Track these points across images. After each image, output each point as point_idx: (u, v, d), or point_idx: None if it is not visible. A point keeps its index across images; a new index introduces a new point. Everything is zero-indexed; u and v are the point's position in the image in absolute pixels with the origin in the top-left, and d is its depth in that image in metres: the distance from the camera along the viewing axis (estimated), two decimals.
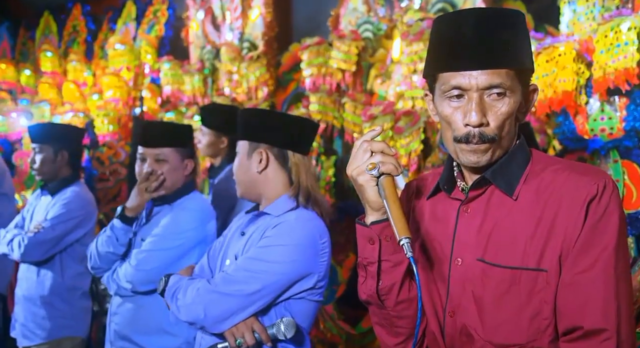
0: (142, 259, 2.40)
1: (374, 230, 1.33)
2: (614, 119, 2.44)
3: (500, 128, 1.26)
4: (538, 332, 1.25)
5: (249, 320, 1.87)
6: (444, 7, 3.49)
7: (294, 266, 1.90)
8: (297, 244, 1.91)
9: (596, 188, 1.22)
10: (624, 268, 1.23)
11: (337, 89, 3.93)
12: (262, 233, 1.95)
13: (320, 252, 1.95)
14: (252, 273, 1.88)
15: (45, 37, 6.92)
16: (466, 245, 1.33)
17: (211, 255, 2.15)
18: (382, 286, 1.36)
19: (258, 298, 1.88)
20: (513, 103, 1.26)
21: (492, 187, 1.32)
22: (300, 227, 1.94)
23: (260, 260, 1.89)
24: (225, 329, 1.87)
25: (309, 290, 1.94)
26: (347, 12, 4.15)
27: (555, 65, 2.45)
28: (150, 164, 2.52)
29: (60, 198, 3.18)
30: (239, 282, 1.88)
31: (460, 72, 1.24)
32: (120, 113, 5.36)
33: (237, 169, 2.06)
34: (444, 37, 1.28)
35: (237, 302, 1.87)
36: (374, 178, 1.28)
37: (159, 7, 5.87)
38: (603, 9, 2.54)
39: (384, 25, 3.85)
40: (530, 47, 1.31)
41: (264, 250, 1.90)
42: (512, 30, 1.25)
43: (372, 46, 3.89)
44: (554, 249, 1.23)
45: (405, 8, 3.65)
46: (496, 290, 1.28)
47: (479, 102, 1.24)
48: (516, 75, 1.25)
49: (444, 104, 1.29)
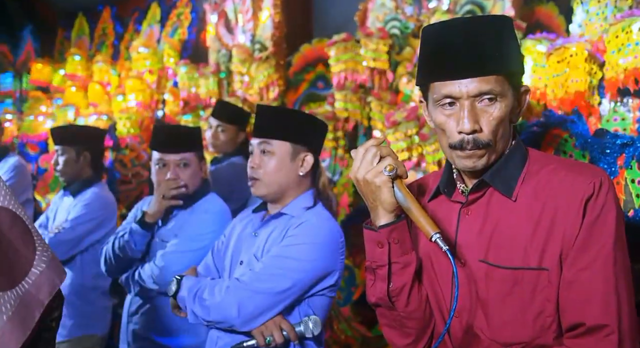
0: (169, 261, 2.44)
1: (383, 234, 1.35)
2: (627, 120, 2.42)
3: (494, 133, 1.29)
4: (543, 329, 1.27)
5: (277, 318, 1.89)
6: (472, 9, 3.48)
7: (320, 263, 1.93)
8: (321, 243, 1.94)
9: (592, 187, 1.25)
10: (623, 264, 1.25)
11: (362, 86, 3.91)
12: (284, 233, 1.97)
13: (340, 250, 1.99)
14: (282, 270, 1.89)
15: (79, 38, 7.06)
16: (468, 247, 1.35)
17: (216, 255, 2.17)
18: (393, 288, 1.39)
19: (288, 295, 1.90)
20: (505, 107, 1.28)
21: (491, 189, 1.34)
22: (322, 226, 1.97)
23: (289, 258, 1.90)
24: (254, 327, 1.88)
25: (330, 287, 1.98)
26: (375, 7, 4.13)
27: (567, 66, 2.43)
28: (173, 170, 2.53)
29: (81, 199, 3.23)
30: (270, 280, 1.89)
31: (451, 81, 1.26)
32: (143, 116, 5.44)
33: (275, 170, 2.01)
34: (433, 47, 1.31)
35: (268, 300, 1.88)
36: (390, 179, 1.31)
37: (183, 10, 5.96)
38: (615, 9, 2.52)
39: (412, 24, 3.84)
40: (518, 50, 1.34)
41: (291, 248, 1.92)
42: (498, 36, 1.27)
43: (400, 44, 3.87)
44: (554, 248, 1.25)
45: (433, 9, 3.65)
46: (500, 291, 1.30)
47: (470, 109, 1.27)
48: (506, 80, 1.27)
49: (437, 112, 1.32)
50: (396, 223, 1.34)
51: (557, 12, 3.23)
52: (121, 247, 2.53)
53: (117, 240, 2.56)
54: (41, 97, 6.69)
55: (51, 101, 6.54)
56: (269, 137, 2.02)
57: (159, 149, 2.57)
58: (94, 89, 6.06)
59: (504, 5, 3.27)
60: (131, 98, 5.48)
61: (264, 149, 2.02)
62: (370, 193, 1.33)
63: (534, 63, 2.66)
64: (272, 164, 2.01)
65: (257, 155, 2.04)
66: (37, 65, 6.86)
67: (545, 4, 3.35)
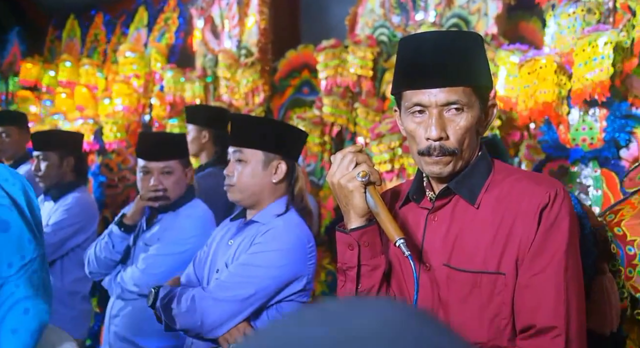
0: (150, 264, 2.47)
1: (354, 236, 1.41)
2: (594, 129, 2.50)
3: (460, 141, 1.35)
4: (498, 331, 1.34)
5: (241, 325, 1.93)
6: (458, 22, 3.55)
7: (285, 270, 1.97)
8: (287, 249, 1.98)
9: (548, 197, 1.32)
10: (574, 269, 1.32)
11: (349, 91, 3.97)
12: (252, 240, 2.01)
13: (308, 255, 2.03)
14: (245, 278, 1.94)
15: (70, 40, 7.06)
16: (433, 251, 1.41)
17: (197, 265, 2.21)
18: (361, 289, 1.44)
19: (252, 302, 1.94)
20: (471, 118, 1.35)
21: (456, 197, 1.41)
22: (288, 232, 2.01)
23: (253, 266, 1.95)
24: (220, 334, 1.93)
25: (299, 292, 2.02)
26: (364, 13, 4.19)
27: (536, 77, 2.51)
28: (156, 177, 2.58)
29: (62, 203, 3.23)
30: (233, 288, 1.94)
31: (421, 90, 1.34)
32: (129, 120, 5.46)
33: (248, 178, 2.07)
34: (407, 58, 1.38)
35: (232, 307, 1.93)
36: (363, 185, 1.37)
37: (170, 14, 5.98)
38: (584, 23, 2.60)
39: (399, 33, 3.91)
40: (487, 66, 1.41)
41: (256, 256, 1.97)
42: (467, 51, 1.35)
43: (387, 51, 3.94)
44: (511, 254, 1.32)
45: (419, 22, 3.71)
46: (460, 293, 1.36)
47: (438, 117, 1.33)
48: (473, 92, 1.34)
49: (408, 119, 1.39)
50: (367, 227, 1.40)
51: (540, 27, 3.32)
52: (101, 248, 2.58)
53: (99, 243, 2.62)
54: (30, 97, 6.68)
55: (40, 101, 6.54)
56: (242, 145, 2.08)
57: (143, 156, 2.62)
58: (80, 92, 6.06)
59: (488, 21, 3.35)
60: (118, 102, 5.49)
61: (238, 158, 2.09)
62: (343, 197, 1.39)
63: (507, 73, 2.73)
64: (245, 172, 2.07)
65: (232, 163, 2.10)
66: (27, 65, 6.84)
67: (528, 19, 3.43)
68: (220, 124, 3.50)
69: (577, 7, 2.58)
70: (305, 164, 4.23)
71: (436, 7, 3.67)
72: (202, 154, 3.51)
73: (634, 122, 2.58)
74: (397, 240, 1.32)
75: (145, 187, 2.59)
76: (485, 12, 3.38)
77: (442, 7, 3.64)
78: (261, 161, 2.08)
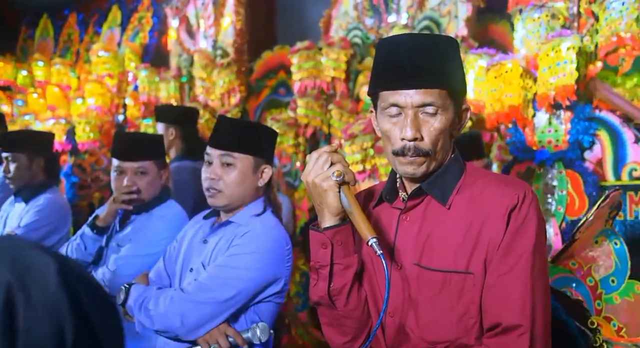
0: (121, 265, 2.45)
1: (327, 235, 1.43)
2: (559, 131, 2.56)
3: (434, 143, 1.39)
4: (466, 329, 1.37)
5: (222, 326, 1.94)
6: (429, 25, 3.60)
7: (265, 272, 1.98)
8: (266, 251, 1.99)
9: (517, 199, 1.36)
10: (540, 270, 1.36)
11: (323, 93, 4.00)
12: (230, 242, 2.00)
13: (286, 257, 2.04)
14: (225, 280, 1.94)
15: (43, 39, 6.97)
16: (405, 250, 1.44)
17: (167, 260, 2.20)
18: (334, 287, 1.46)
19: (232, 304, 1.94)
20: (445, 120, 1.38)
21: (428, 197, 1.44)
22: (267, 235, 2.02)
23: (232, 268, 1.95)
24: (199, 336, 1.92)
25: (276, 293, 2.03)
26: (338, 15, 4.23)
27: (502, 81, 2.57)
28: (130, 178, 2.55)
29: (33, 205, 3.18)
30: (213, 290, 1.93)
31: (398, 91, 1.37)
32: (103, 120, 5.42)
33: (237, 183, 2.04)
34: (384, 59, 1.41)
35: (211, 309, 1.92)
36: (337, 184, 1.39)
37: (144, 14, 5.95)
38: (549, 28, 2.66)
39: (372, 35, 3.94)
40: (462, 71, 1.45)
41: (235, 258, 1.96)
42: (444, 55, 1.39)
43: (361, 53, 3.97)
44: (480, 254, 1.36)
45: (392, 24, 3.75)
46: (430, 292, 1.40)
47: (413, 118, 1.37)
48: (448, 95, 1.38)
49: (384, 120, 1.42)
50: (340, 226, 1.42)
51: (510, 30, 3.37)
52: (73, 250, 2.55)
53: (70, 244, 2.59)
54: (1, 96, 6.59)
55: (12, 101, 6.46)
56: (231, 149, 2.04)
57: (118, 156, 2.60)
58: (52, 91, 5.99)
59: (458, 23, 3.40)
60: (91, 102, 5.45)
61: (226, 162, 2.05)
62: (317, 196, 1.41)
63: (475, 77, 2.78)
64: (233, 177, 2.04)
65: (217, 166, 2.06)
66: None
67: (497, 22, 3.49)
68: (187, 122, 3.59)
69: (542, 13, 2.64)
70: (281, 164, 4.25)
71: (408, 10, 3.72)
72: (171, 150, 3.60)
73: (598, 124, 2.66)
74: (370, 239, 1.34)
75: (119, 188, 2.57)
76: (456, 14, 3.45)
77: (414, 10, 3.69)
78: (251, 166, 2.07)
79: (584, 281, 2.00)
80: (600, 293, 1.98)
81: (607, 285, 1.99)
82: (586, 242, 2.01)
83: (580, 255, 2.01)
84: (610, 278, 1.99)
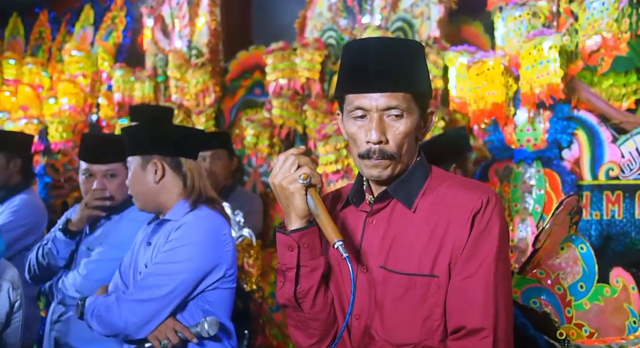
0: (92, 269, 2.42)
1: (294, 238, 1.42)
2: (538, 130, 2.58)
3: (399, 146, 1.38)
4: (430, 332, 1.37)
5: (168, 321, 1.97)
6: (402, 26, 3.62)
7: (200, 261, 2.01)
8: (198, 241, 2.02)
9: (480, 203, 1.36)
10: (503, 273, 1.37)
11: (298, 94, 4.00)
12: (167, 238, 2.04)
13: (223, 244, 2.07)
14: (161, 276, 1.98)
15: (13, 38, 6.86)
16: (371, 253, 1.44)
17: (123, 270, 2.20)
18: (300, 290, 1.45)
19: (173, 298, 1.98)
20: (410, 123, 1.38)
21: (394, 201, 1.44)
22: (199, 225, 2.05)
23: (169, 263, 1.99)
24: (148, 332, 1.96)
25: (220, 279, 2.05)
26: (313, 16, 4.24)
27: (485, 79, 2.57)
28: (99, 180, 2.52)
29: (8, 206, 3.16)
30: (151, 287, 1.97)
31: (363, 94, 1.36)
32: (76, 120, 5.35)
33: (132, 183, 2.12)
34: (350, 62, 1.41)
35: (152, 306, 1.96)
36: (304, 187, 1.37)
37: (117, 13, 5.88)
38: (530, 26, 2.67)
39: (346, 36, 3.95)
40: (427, 75, 1.45)
41: (170, 253, 2.00)
42: (410, 58, 1.38)
43: (336, 54, 3.98)
44: (445, 257, 1.36)
45: (365, 25, 3.76)
46: (395, 294, 1.40)
47: (378, 121, 1.36)
48: (413, 99, 1.38)
49: (350, 123, 1.42)
50: (307, 229, 1.41)
51: (483, 31, 3.40)
52: (44, 254, 2.51)
53: (41, 248, 2.54)
54: None
55: None
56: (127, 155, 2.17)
57: (86, 158, 2.56)
58: (24, 91, 5.92)
59: (431, 24, 3.42)
60: (64, 101, 5.39)
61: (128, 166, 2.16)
62: (284, 198, 1.40)
63: (457, 73, 2.78)
64: (130, 179, 2.14)
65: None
66: None
67: (470, 23, 3.50)
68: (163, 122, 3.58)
69: (523, 11, 2.65)
70: (257, 164, 4.24)
71: (382, 11, 3.74)
72: None
73: (576, 123, 2.68)
74: (336, 242, 1.33)
75: (89, 191, 2.52)
76: (428, 16, 3.48)
77: (387, 11, 3.72)
78: (138, 164, 2.11)
79: (553, 289, 2.00)
80: (570, 301, 1.98)
81: (576, 292, 2.00)
82: (551, 250, 2.01)
83: (547, 264, 2.01)
84: (579, 284, 2.00)
